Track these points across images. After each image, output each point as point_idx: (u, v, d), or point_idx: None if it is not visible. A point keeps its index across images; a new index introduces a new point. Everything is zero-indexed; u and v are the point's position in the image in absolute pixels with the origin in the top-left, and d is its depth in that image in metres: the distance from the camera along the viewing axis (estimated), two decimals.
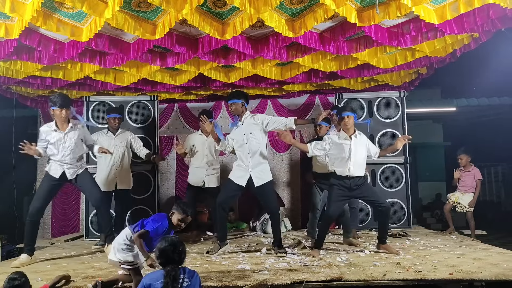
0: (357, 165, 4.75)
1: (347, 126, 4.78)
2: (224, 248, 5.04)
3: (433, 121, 12.46)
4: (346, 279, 3.69)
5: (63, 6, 4.29)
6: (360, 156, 4.79)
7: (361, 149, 4.81)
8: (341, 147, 4.78)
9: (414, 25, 4.90)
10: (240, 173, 5.00)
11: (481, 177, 6.48)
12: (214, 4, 4.42)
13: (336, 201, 4.82)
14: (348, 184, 4.75)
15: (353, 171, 4.72)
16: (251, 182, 4.94)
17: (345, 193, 4.80)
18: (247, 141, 4.96)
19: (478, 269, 3.88)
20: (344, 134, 4.82)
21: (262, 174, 4.99)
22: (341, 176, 4.77)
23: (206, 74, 6.39)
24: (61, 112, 4.68)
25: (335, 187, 4.82)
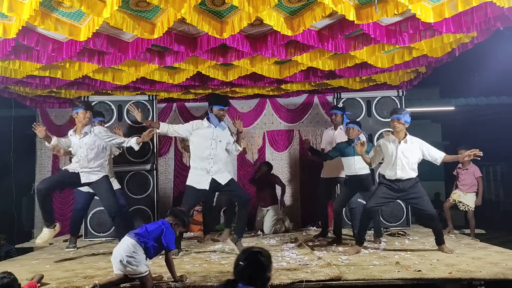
0: (404, 170, 4.72)
1: (396, 129, 4.75)
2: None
3: (432, 121, 12.46)
4: (345, 279, 3.69)
5: (61, 6, 4.28)
6: (408, 161, 4.73)
7: (411, 154, 4.74)
8: (388, 151, 4.78)
9: (411, 23, 4.89)
10: (201, 177, 4.87)
11: (481, 174, 6.48)
12: (212, 2, 4.41)
13: (379, 196, 4.82)
14: (396, 186, 4.76)
15: (401, 174, 4.71)
16: (216, 182, 4.88)
17: (391, 193, 4.80)
18: (214, 147, 4.88)
19: (477, 268, 3.89)
20: (393, 138, 4.81)
21: (224, 173, 4.97)
22: (390, 179, 4.77)
23: (204, 72, 6.38)
24: (85, 114, 4.74)
25: (383, 185, 4.83)
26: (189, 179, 4.93)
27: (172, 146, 8.41)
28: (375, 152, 4.97)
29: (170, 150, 8.43)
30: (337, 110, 6.24)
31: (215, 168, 4.85)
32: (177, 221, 3.56)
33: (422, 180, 5.00)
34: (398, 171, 4.71)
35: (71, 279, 3.85)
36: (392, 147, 4.77)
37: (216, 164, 4.86)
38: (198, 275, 3.85)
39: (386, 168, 4.83)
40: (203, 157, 4.84)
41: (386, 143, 4.85)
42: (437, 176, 11.99)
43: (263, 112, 8.47)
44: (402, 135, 4.78)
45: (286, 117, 8.43)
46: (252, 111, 8.48)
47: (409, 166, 4.75)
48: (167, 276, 3.72)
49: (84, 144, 4.75)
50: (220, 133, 4.93)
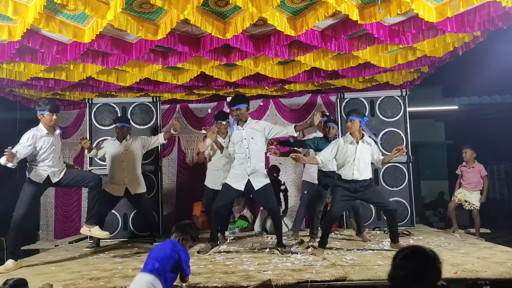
0: (361, 169, 4.72)
1: (351, 130, 4.75)
2: (215, 248, 5.08)
3: (435, 120, 12.45)
4: (350, 279, 3.68)
5: (65, 8, 4.31)
6: (364, 161, 4.75)
7: (366, 154, 4.76)
8: (346, 151, 4.76)
9: (414, 23, 4.90)
10: (238, 177, 4.98)
11: (486, 173, 6.46)
12: (215, 3, 4.42)
13: (340, 200, 4.82)
14: (353, 187, 4.74)
15: (357, 175, 4.71)
16: (250, 186, 4.95)
17: (349, 194, 4.78)
18: (248, 146, 4.95)
19: (483, 268, 3.88)
20: (350, 138, 4.79)
21: (261, 177, 5.01)
22: (346, 179, 4.76)
23: (208, 72, 6.40)
24: (52, 117, 4.70)
25: (340, 188, 4.81)
26: (228, 177, 5.10)
27: (176, 147, 8.43)
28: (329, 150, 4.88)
29: (173, 151, 8.45)
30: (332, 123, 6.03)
31: (251, 168, 4.95)
32: (186, 237, 3.25)
33: (426, 179, 5.01)
34: (355, 171, 4.70)
35: (76, 281, 3.87)
36: (350, 148, 4.74)
37: (253, 164, 4.96)
38: (203, 276, 3.86)
39: (342, 169, 4.80)
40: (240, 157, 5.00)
41: (344, 144, 4.80)
42: (441, 175, 11.98)
43: (267, 112, 8.47)
44: (359, 135, 4.77)
45: (289, 117, 8.43)
46: (255, 111, 8.48)
47: (365, 166, 4.75)
48: None
49: (57, 142, 4.82)
50: (249, 131, 5.01)
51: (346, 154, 4.75)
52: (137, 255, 5.16)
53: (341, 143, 4.83)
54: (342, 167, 4.80)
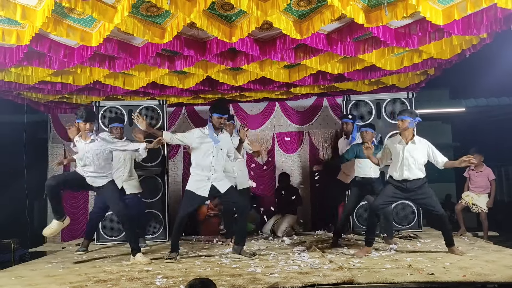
0: (411, 170, 4.71)
1: (399, 129, 4.76)
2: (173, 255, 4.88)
3: (442, 122, 12.37)
4: (357, 282, 3.67)
5: (73, 12, 4.35)
6: (415, 161, 4.72)
7: (418, 155, 4.73)
8: (395, 151, 4.78)
9: (421, 26, 4.89)
10: (201, 184, 4.86)
11: (494, 177, 6.43)
12: (221, 7, 4.44)
13: (388, 195, 4.81)
14: (403, 187, 4.75)
15: (408, 175, 4.70)
16: (215, 189, 4.87)
17: (399, 193, 4.80)
18: (216, 155, 4.86)
19: (491, 271, 3.84)
20: (399, 138, 4.80)
21: (224, 181, 4.94)
22: (397, 180, 4.77)
23: (214, 77, 6.41)
24: (85, 125, 4.73)
25: (390, 185, 4.83)
26: (189, 184, 4.95)
27: (181, 149, 8.44)
28: (383, 152, 4.97)
29: (179, 153, 8.47)
30: (346, 119, 6.24)
31: (215, 175, 4.86)
32: None
33: (432, 182, 4.97)
34: (405, 171, 4.71)
35: (84, 283, 3.88)
36: (399, 148, 4.76)
37: (217, 172, 4.87)
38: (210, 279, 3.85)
39: (393, 169, 4.83)
40: (204, 165, 4.85)
41: (393, 144, 4.85)
42: (448, 178, 11.89)
43: (272, 114, 8.48)
44: (409, 135, 4.77)
45: (295, 119, 8.44)
46: (261, 113, 8.50)
47: (416, 167, 4.73)
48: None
49: (90, 149, 4.77)
50: (222, 140, 4.90)
51: (394, 154, 4.78)
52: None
53: (389, 143, 4.89)
54: (392, 167, 4.83)
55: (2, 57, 5.09)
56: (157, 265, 4.65)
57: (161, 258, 5.05)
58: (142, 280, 3.89)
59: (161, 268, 4.47)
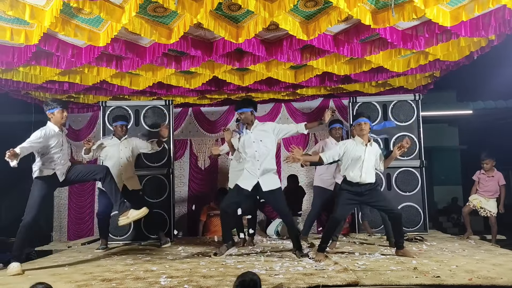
0: (368, 172, 4.71)
1: (363, 132, 4.73)
2: (231, 249, 5.05)
3: (449, 124, 12.30)
4: (362, 284, 3.65)
5: (80, 12, 4.38)
6: (371, 164, 4.76)
7: (373, 158, 4.77)
8: (355, 153, 4.74)
9: (428, 27, 4.87)
10: (247, 179, 4.95)
11: (504, 182, 6.36)
12: (228, 8, 4.45)
13: (344, 204, 4.79)
14: (358, 190, 4.72)
15: (365, 177, 4.69)
16: (259, 187, 4.91)
17: (354, 198, 4.77)
18: (257, 149, 4.92)
19: (498, 274, 3.81)
20: (360, 140, 4.78)
21: (271, 180, 4.96)
22: (352, 182, 4.74)
23: (220, 77, 6.43)
24: (63, 113, 4.68)
25: (344, 191, 4.79)
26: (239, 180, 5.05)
27: (188, 150, 8.47)
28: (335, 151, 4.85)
29: (185, 154, 8.50)
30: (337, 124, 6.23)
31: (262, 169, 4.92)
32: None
33: (439, 184, 4.95)
34: (363, 174, 4.68)
35: (89, 282, 3.89)
36: (359, 150, 4.72)
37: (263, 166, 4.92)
38: (214, 279, 3.86)
39: (349, 170, 4.76)
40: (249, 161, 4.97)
41: (352, 146, 4.78)
42: (454, 180, 11.83)
43: (278, 116, 8.48)
44: (368, 138, 4.77)
45: (301, 121, 8.27)
46: (267, 115, 8.50)
47: (372, 170, 4.74)
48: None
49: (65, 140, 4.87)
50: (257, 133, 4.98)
51: (354, 156, 4.73)
52: (149, 257, 5.18)
53: (349, 143, 4.82)
54: (350, 169, 4.77)
55: (11, 57, 5.14)
56: (162, 264, 4.66)
57: (165, 257, 5.06)
58: (147, 280, 3.89)
59: (166, 268, 4.47)
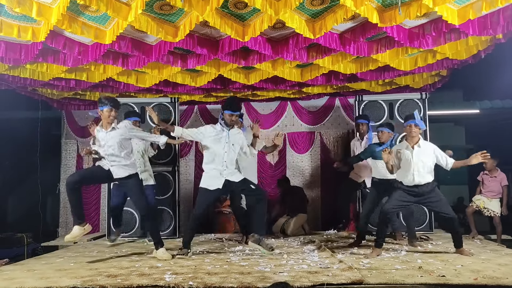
0: (421, 174, 4.68)
1: (412, 134, 4.73)
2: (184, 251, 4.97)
3: (455, 124, 12.22)
4: (367, 283, 3.64)
5: (87, 10, 4.40)
6: (424, 165, 4.70)
7: (426, 158, 4.71)
8: (404, 157, 4.74)
9: (435, 26, 4.85)
10: (214, 179, 4.89)
11: (507, 183, 6.34)
12: (235, 6, 4.45)
13: (398, 200, 4.77)
14: (415, 192, 4.72)
15: (418, 180, 4.67)
16: (229, 182, 4.89)
17: (409, 198, 4.77)
18: (228, 150, 4.89)
19: (504, 274, 3.79)
20: (406, 144, 4.78)
21: (237, 174, 4.97)
22: (408, 185, 4.74)
23: (226, 75, 6.43)
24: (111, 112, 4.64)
25: (400, 190, 4.80)
26: (202, 181, 4.99)
27: (193, 147, 8.48)
28: (395, 159, 4.88)
29: (191, 151, 8.52)
30: (362, 119, 6.20)
31: (228, 171, 4.89)
32: None
33: (445, 184, 4.94)
34: (415, 176, 4.67)
35: (94, 278, 3.92)
36: (407, 153, 4.73)
37: (229, 168, 4.90)
38: (219, 276, 3.87)
39: (403, 175, 4.78)
40: (216, 161, 4.88)
41: (400, 150, 4.80)
42: (460, 180, 11.75)
43: (284, 114, 8.48)
44: (416, 140, 4.75)
45: (307, 119, 8.42)
46: (273, 113, 8.50)
47: (426, 170, 4.70)
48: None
49: (110, 138, 4.71)
50: (233, 137, 4.92)
51: (404, 160, 4.73)
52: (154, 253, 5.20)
53: (397, 149, 4.83)
54: (401, 172, 4.78)
55: (18, 54, 5.17)
56: (167, 261, 4.68)
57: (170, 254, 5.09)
58: (152, 276, 3.91)
59: (171, 264, 4.50)
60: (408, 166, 4.70)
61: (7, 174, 9.10)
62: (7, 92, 7.17)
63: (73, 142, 8.62)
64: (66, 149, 8.62)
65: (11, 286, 3.70)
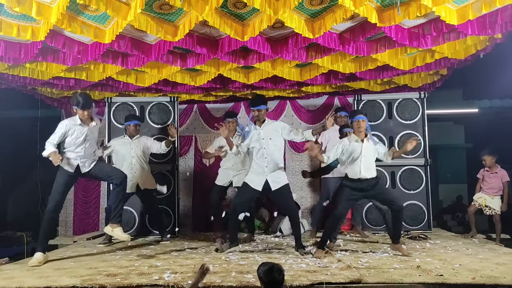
0: (368, 168, 4.76)
1: (360, 129, 4.78)
2: (233, 248, 5.07)
3: (454, 123, 12.24)
4: (365, 282, 3.67)
5: (87, 9, 4.40)
6: (370, 159, 4.81)
7: (372, 152, 4.83)
8: (352, 150, 4.79)
9: (434, 26, 4.86)
10: (256, 177, 5.03)
11: (508, 179, 6.32)
12: (234, 5, 4.46)
13: (346, 200, 4.85)
14: (360, 186, 4.78)
15: (365, 173, 4.74)
16: (268, 186, 4.99)
17: (356, 194, 4.83)
18: (266, 146, 5.00)
19: (502, 274, 3.81)
20: (355, 137, 4.83)
21: (279, 178, 5.04)
22: (353, 178, 4.78)
23: (225, 75, 6.44)
24: (83, 113, 4.76)
25: (347, 188, 4.85)
26: (247, 177, 5.14)
27: (192, 146, 8.49)
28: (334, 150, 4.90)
29: (190, 150, 8.51)
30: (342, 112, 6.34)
31: (269, 167, 4.99)
32: None
33: (444, 183, 4.95)
34: (362, 170, 4.74)
35: (94, 277, 3.94)
36: (356, 146, 4.78)
37: (270, 163, 4.99)
38: (218, 275, 3.89)
39: (350, 168, 4.83)
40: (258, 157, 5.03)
41: (349, 142, 4.84)
42: (459, 179, 11.77)
43: (283, 113, 8.47)
44: (363, 135, 4.82)
45: (306, 118, 8.42)
46: (272, 112, 8.49)
47: (372, 165, 4.80)
48: None
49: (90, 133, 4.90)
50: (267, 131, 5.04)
51: (352, 152, 4.79)
52: (154, 252, 5.22)
53: (345, 142, 4.88)
54: (349, 165, 4.83)
55: (18, 53, 5.17)
56: (166, 260, 4.70)
57: (169, 253, 5.10)
58: (151, 275, 3.93)
59: (170, 263, 4.51)
60: (356, 159, 4.77)
61: (7, 173, 9.10)
62: (7, 91, 7.17)
63: None
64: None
65: (10, 285, 3.72)
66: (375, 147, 4.86)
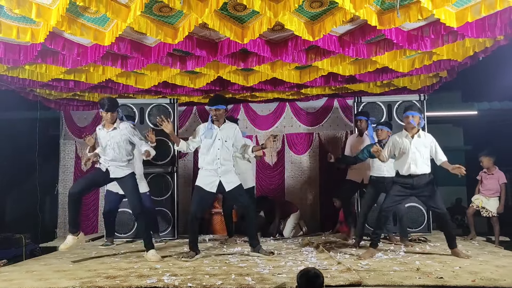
0: (418, 164, 4.73)
1: (410, 125, 4.77)
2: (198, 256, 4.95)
3: (454, 125, 12.25)
4: (365, 284, 3.65)
5: (86, 11, 4.40)
6: (422, 155, 4.75)
7: (424, 149, 4.78)
8: (402, 145, 4.80)
9: (433, 28, 4.87)
10: (209, 179, 4.91)
11: (505, 181, 6.32)
12: (234, 8, 4.46)
13: (394, 195, 4.83)
14: (410, 182, 4.76)
15: (414, 169, 4.72)
16: (222, 187, 4.92)
17: (405, 190, 4.81)
18: (220, 147, 4.90)
19: (501, 276, 3.81)
20: (405, 133, 4.84)
21: (232, 178, 4.98)
22: (404, 175, 4.78)
23: (225, 77, 6.44)
24: (106, 115, 4.71)
25: (397, 184, 4.85)
26: (198, 180, 5.01)
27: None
28: (387, 148, 4.95)
29: (190, 153, 8.50)
30: (361, 116, 6.20)
31: (222, 169, 4.90)
32: None
33: (443, 185, 4.95)
34: (412, 165, 4.72)
35: (93, 279, 3.92)
36: (405, 142, 4.79)
37: (224, 165, 4.91)
38: (218, 277, 3.88)
39: (400, 164, 4.84)
40: (210, 159, 4.91)
41: (399, 139, 4.86)
42: (458, 181, 11.72)
43: (283, 115, 8.49)
44: (415, 130, 4.81)
45: (305, 120, 8.43)
46: (271, 114, 8.51)
47: (423, 161, 4.75)
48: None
49: (111, 138, 4.77)
50: (223, 131, 4.93)
51: (401, 148, 4.79)
52: None
53: (395, 138, 4.89)
54: (399, 161, 4.83)
55: (17, 54, 5.18)
56: (166, 262, 4.69)
57: (170, 255, 5.09)
58: (151, 277, 3.92)
59: (170, 266, 4.50)
60: (406, 155, 4.76)
61: (6, 174, 9.08)
62: (6, 92, 7.17)
63: (72, 142, 8.62)
64: (64, 150, 8.61)
65: (9, 287, 3.71)
66: (429, 144, 4.80)
